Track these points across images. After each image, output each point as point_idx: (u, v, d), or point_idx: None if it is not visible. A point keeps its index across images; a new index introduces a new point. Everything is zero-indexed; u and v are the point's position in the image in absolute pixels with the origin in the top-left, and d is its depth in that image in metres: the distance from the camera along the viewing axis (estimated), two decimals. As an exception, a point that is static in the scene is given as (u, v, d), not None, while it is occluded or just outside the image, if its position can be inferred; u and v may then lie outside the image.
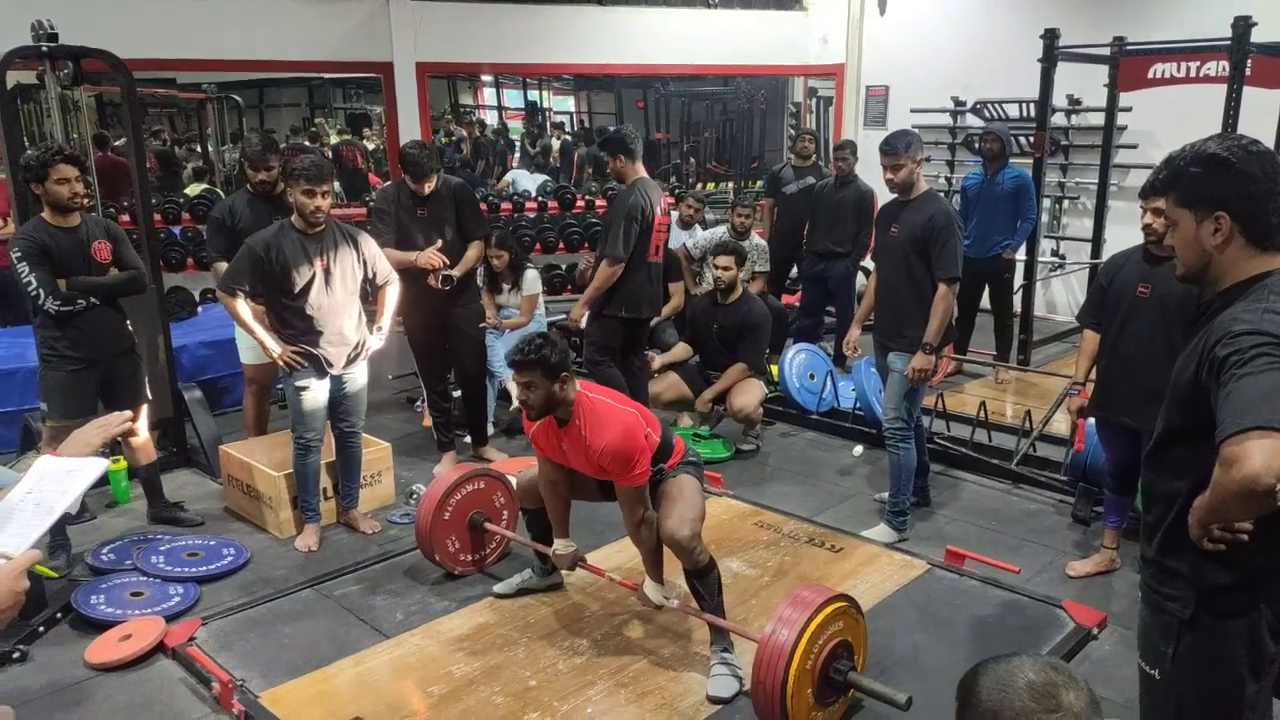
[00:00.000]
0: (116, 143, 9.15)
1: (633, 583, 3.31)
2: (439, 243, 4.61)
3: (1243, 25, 5.14)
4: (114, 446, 4.66)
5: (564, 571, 3.65)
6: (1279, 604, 1.83)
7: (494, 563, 3.92)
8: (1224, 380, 1.64)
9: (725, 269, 5.22)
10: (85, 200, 3.85)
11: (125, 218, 6.39)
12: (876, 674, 3.10)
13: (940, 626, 3.47)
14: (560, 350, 3.01)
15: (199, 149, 12.57)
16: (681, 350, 5.52)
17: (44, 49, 4.45)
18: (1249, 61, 5.22)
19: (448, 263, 4.61)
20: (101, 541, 4.11)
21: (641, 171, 4.70)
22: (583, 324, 5.15)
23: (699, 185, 12.75)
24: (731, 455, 5.22)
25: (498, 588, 3.67)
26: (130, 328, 4.18)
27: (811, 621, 2.70)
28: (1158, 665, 1.91)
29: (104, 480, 4.60)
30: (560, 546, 3.45)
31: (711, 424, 5.47)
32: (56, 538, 3.88)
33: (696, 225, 7.04)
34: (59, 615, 3.51)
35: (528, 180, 9.82)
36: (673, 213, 6.64)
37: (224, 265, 4.31)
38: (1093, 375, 3.77)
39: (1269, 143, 5.17)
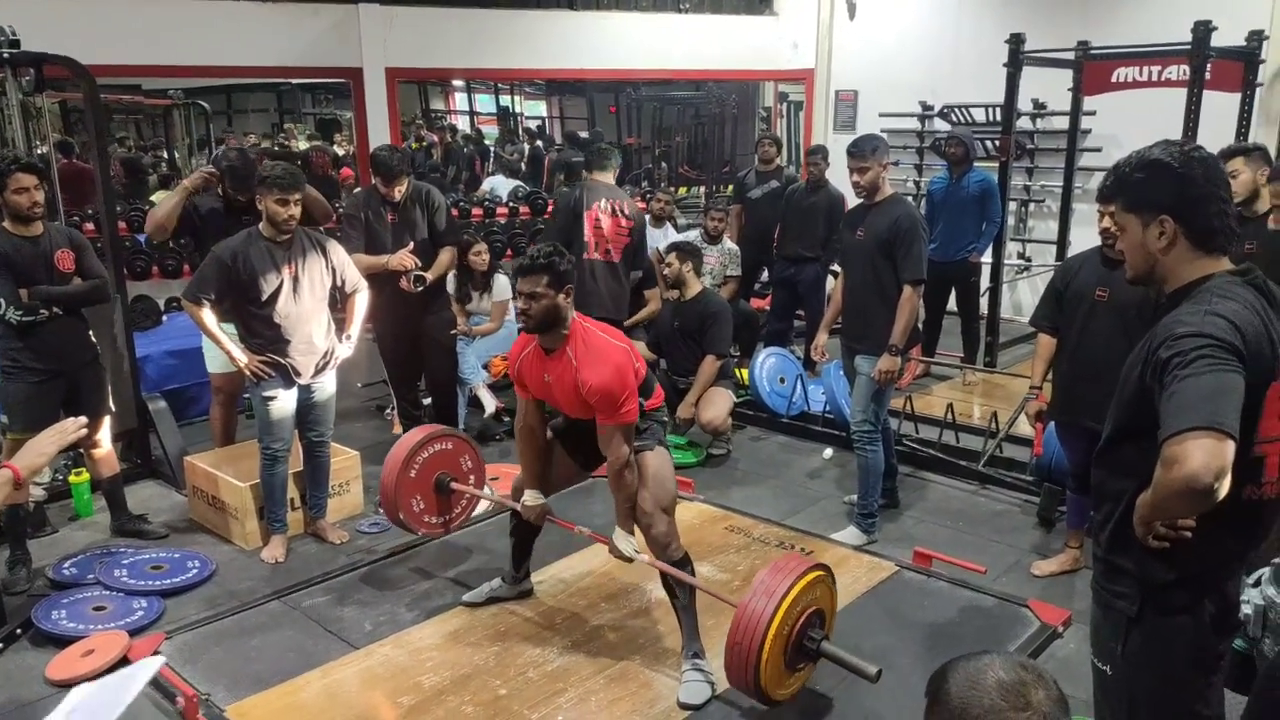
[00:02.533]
0: (80, 150, 9.04)
1: (603, 537, 3.25)
2: (410, 244, 4.59)
3: (1203, 30, 5.23)
4: (76, 458, 4.61)
5: (530, 584, 3.65)
6: (1223, 600, 1.88)
7: (459, 526, 3.89)
8: (1167, 381, 1.68)
9: (669, 265, 5.26)
10: (43, 210, 3.79)
11: (90, 225, 6.31)
12: (845, 674, 3.12)
13: (908, 627, 3.49)
14: (569, 262, 2.98)
15: (165, 156, 12.44)
16: (644, 351, 5.45)
17: (5, 55, 4.40)
18: (1209, 66, 5.32)
19: (419, 264, 4.60)
20: (63, 555, 4.05)
21: (598, 178, 4.76)
22: None
23: (672, 190, 12.77)
24: (702, 460, 5.23)
25: (467, 597, 3.65)
26: (94, 338, 4.13)
27: (791, 590, 2.75)
28: (1109, 662, 1.95)
29: (66, 492, 4.54)
30: (529, 498, 3.37)
31: (683, 430, 5.47)
32: (16, 552, 3.82)
33: (669, 225, 7.06)
34: (19, 631, 3.45)
35: (504, 187, 9.79)
36: (644, 216, 6.66)
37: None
38: (1050, 377, 3.82)
39: (1228, 144, 5.30)
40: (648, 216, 7.01)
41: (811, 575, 2.83)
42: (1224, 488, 1.58)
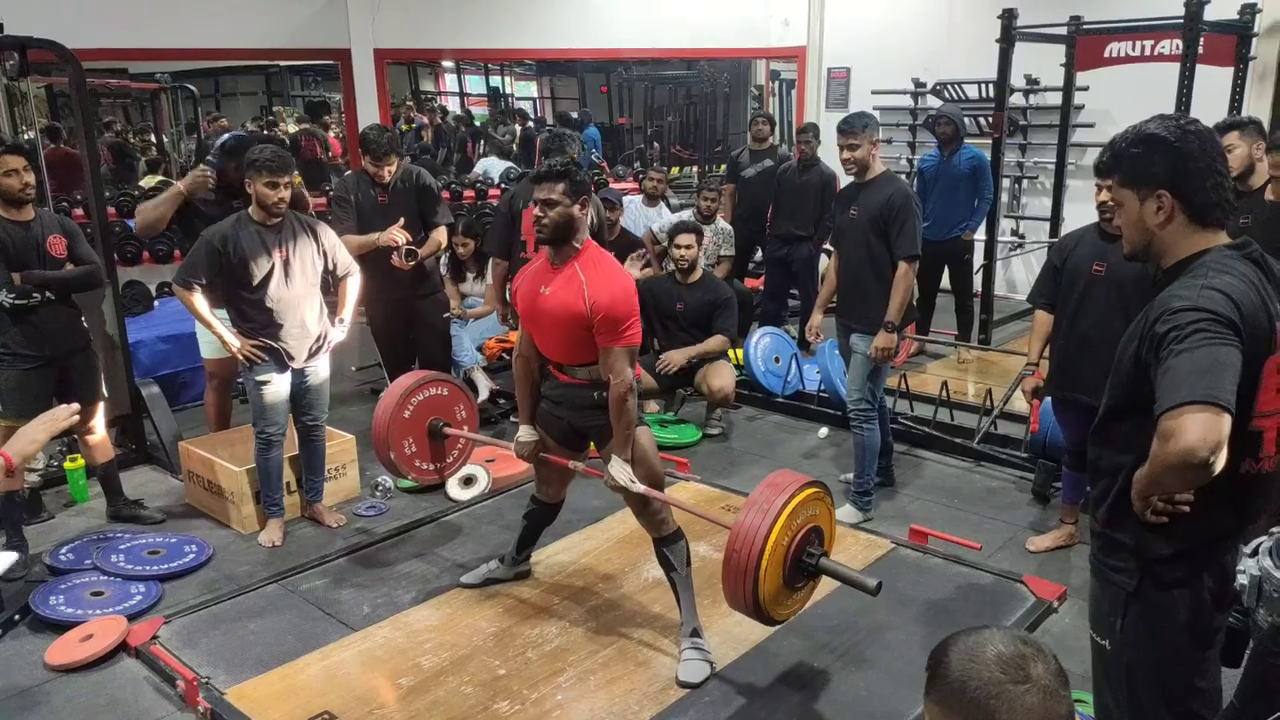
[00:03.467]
0: (67, 135, 8.96)
1: (598, 470, 3.20)
2: (401, 220, 4.57)
3: (1195, 4, 5.22)
4: (70, 444, 4.60)
5: (528, 566, 3.65)
6: (1221, 573, 1.89)
7: (452, 472, 3.87)
8: (1163, 356, 1.68)
9: (688, 247, 5.21)
10: (34, 193, 3.77)
11: (78, 211, 6.26)
12: (842, 651, 3.15)
13: (905, 604, 3.51)
14: (586, 174, 2.94)
15: (153, 140, 12.33)
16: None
17: (-12, 40, 4.36)
18: (1201, 40, 5.30)
19: (410, 239, 4.58)
20: (60, 541, 4.04)
21: None
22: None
23: (664, 169, 12.73)
24: (698, 439, 5.24)
25: (465, 578, 3.66)
26: (85, 324, 4.11)
27: (788, 504, 2.66)
28: (1108, 636, 1.96)
29: (61, 478, 4.53)
30: (524, 433, 3.30)
31: (676, 408, 5.48)
32: (13, 539, 3.82)
33: (663, 205, 7.04)
34: (17, 617, 3.45)
35: (497, 168, 9.74)
36: (632, 198, 6.63)
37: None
38: (1047, 354, 3.83)
39: (1221, 118, 5.30)
40: (640, 196, 7.00)
41: (807, 492, 2.74)
42: (1220, 462, 1.59)
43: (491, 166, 10.05)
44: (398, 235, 4.53)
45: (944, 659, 1.20)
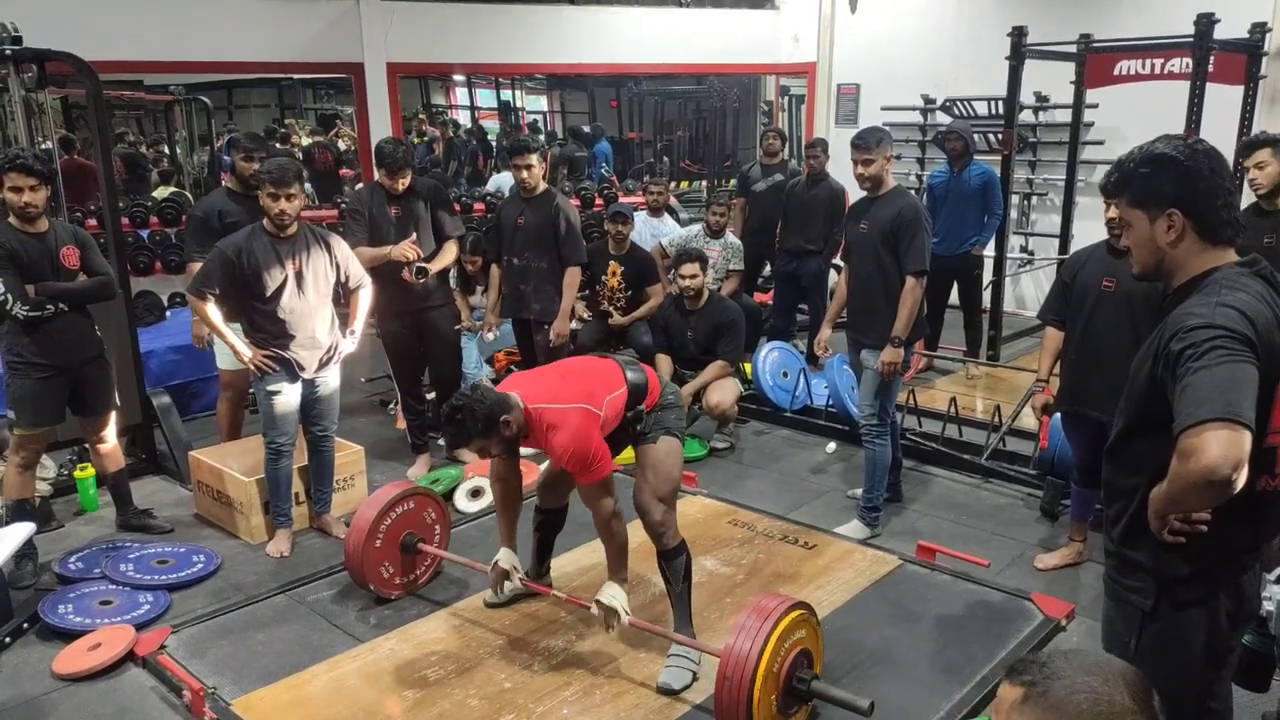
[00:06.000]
0: (81, 146, 9.04)
1: (584, 600, 3.22)
2: (414, 235, 4.60)
3: (1206, 22, 5.22)
4: (81, 453, 4.62)
5: (550, 579, 3.64)
6: (1238, 593, 1.87)
7: (426, 583, 3.79)
8: (1180, 374, 1.67)
9: (692, 276, 5.19)
10: (38, 210, 3.75)
11: (92, 222, 6.31)
12: (849, 669, 3.14)
13: (912, 621, 3.50)
14: (481, 406, 2.88)
15: (167, 151, 12.43)
16: (664, 364, 5.38)
17: (7, 52, 4.40)
18: (1211, 58, 5.30)
19: (422, 255, 4.61)
20: (69, 550, 4.06)
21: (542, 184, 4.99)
22: (489, 336, 5.55)
23: (673, 184, 12.76)
24: (706, 454, 5.24)
25: (488, 598, 3.59)
26: (99, 334, 4.14)
27: (774, 631, 2.66)
28: (1122, 656, 1.94)
29: (72, 488, 4.55)
30: (503, 557, 3.34)
31: (686, 423, 5.47)
32: (23, 546, 3.83)
33: (666, 215, 7.06)
34: (25, 625, 3.47)
35: (509, 183, 9.78)
36: (638, 213, 6.66)
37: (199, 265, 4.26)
38: (1056, 371, 3.82)
39: (1230, 137, 5.29)
40: (644, 211, 7.02)
41: (793, 615, 2.74)
42: (1242, 479, 1.58)
43: (504, 181, 10.09)
44: (409, 251, 4.56)
45: (1050, 681, 1.18)
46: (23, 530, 1.99)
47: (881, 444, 4.13)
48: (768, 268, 7.30)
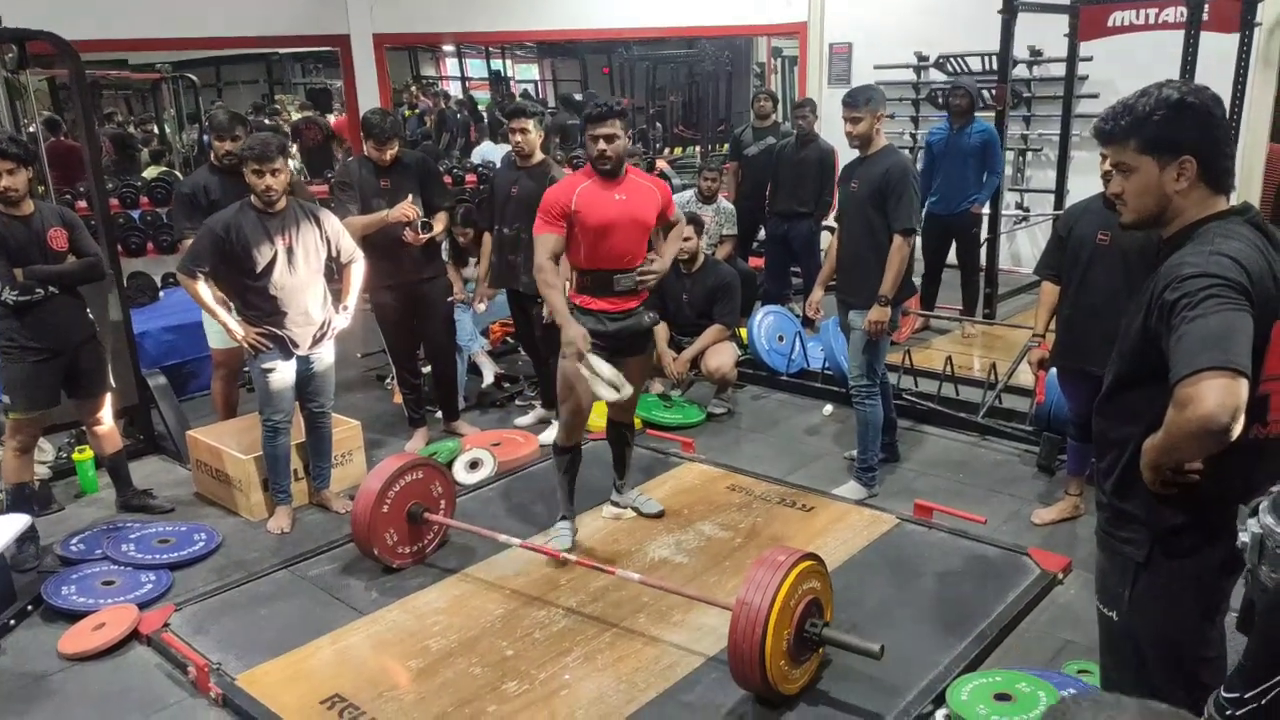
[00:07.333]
0: (68, 127, 8.97)
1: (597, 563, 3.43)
2: (410, 197, 4.57)
3: (1200, -31, 5.15)
4: (79, 436, 4.63)
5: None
6: (1230, 540, 1.87)
7: (433, 553, 3.81)
8: (1175, 324, 1.66)
9: (687, 239, 5.18)
10: (19, 194, 3.73)
11: (81, 203, 6.27)
12: (848, 628, 3.15)
13: (910, 578, 3.52)
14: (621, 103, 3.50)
15: (155, 130, 12.33)
16: (660, 331, 5.38)
17: (-14, 33, 4.35)
18: (1206, 6, 5.24)
19: (421, 214, 4.58)
20: (70, 532, 4.07)
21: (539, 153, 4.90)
22: (480, 307, 5.48)
23: (666, 150, 12.68)
24: (704, 419, 5.24)
25: (557, 542, 3.78)
26: (91, 315, 4.12)
27: (784, 582, 2.72)
28: (1115, 607, 1.96)
29: (71, 470, 4.57)
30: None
31: (683, 389, 5.48)
32: (24, 530, 3.85)
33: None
34: (29, 607, 3.49)
35: (496, 152, 9.69)
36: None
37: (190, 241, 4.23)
38: (1053, 326, 3.81)
39: (1227, 86, 5.22)
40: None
41: (803, 565, 2.79)
42: (1238, 427, 1.57)
43: (488, 151, 10.01)
44: (409, 210, 4.52)
45: None
46: (17, 522, 2.00)
47: (872, 404, 4.12)
48: (762, 232, 7.27)
